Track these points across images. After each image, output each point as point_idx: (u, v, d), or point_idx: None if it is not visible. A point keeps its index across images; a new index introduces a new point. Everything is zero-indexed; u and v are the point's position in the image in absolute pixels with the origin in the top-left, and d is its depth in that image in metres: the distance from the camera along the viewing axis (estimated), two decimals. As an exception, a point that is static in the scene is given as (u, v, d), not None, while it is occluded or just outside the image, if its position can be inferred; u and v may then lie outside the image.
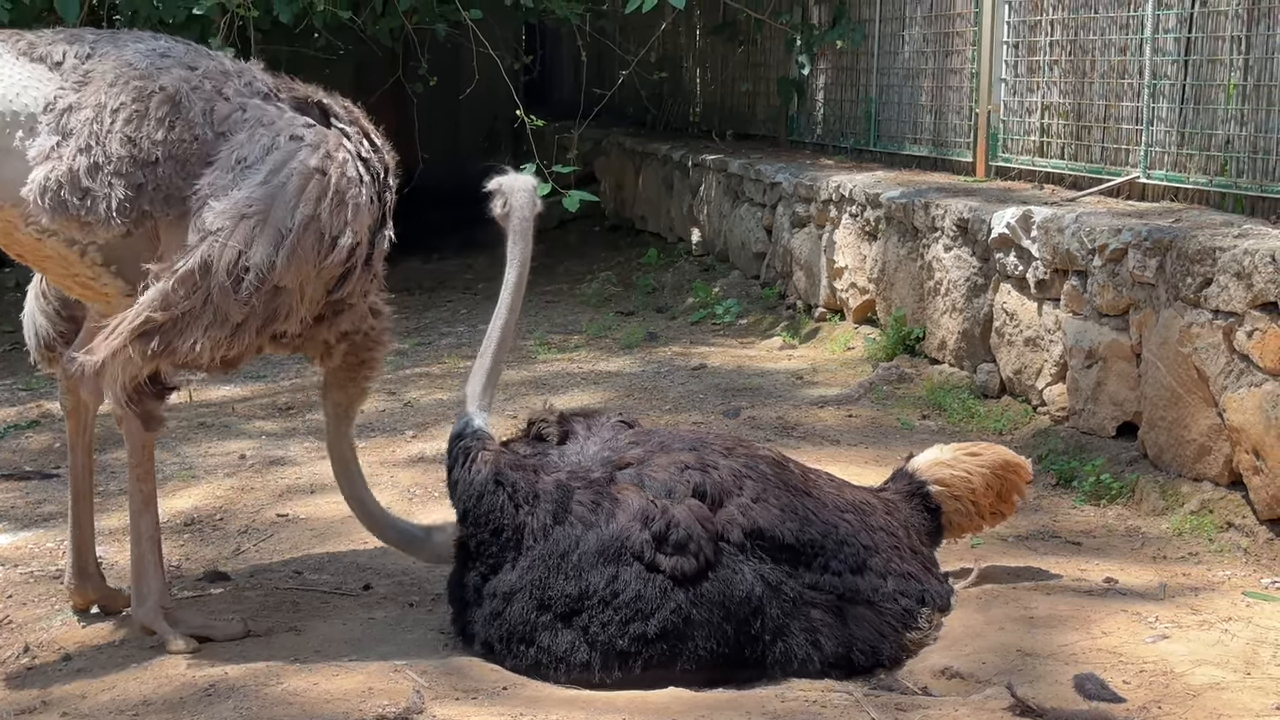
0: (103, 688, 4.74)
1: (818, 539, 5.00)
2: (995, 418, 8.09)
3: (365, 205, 5.04)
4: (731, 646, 4.76)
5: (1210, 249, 6.39)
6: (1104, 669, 4.77)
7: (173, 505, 6.95)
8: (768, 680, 4.78)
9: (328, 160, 4.96)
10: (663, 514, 4.77)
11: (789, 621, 4.83)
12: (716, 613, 4.74)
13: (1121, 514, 6.63)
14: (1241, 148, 7.44)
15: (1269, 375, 5.99)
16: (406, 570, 5.93)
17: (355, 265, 5.07)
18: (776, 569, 4.87)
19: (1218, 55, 7.64)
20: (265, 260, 4.82)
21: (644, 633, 4.69)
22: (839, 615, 4.93)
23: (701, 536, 4.76)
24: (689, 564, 4.73)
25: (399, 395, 9.31)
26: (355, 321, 5.31)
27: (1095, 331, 7.35)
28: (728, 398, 8.80)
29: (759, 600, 4.79)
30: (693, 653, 4.71)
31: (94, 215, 4.76)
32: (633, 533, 4.75)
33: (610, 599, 4.70)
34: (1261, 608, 5.38)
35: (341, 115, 5.18)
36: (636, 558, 4.72)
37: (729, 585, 4.76)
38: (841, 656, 4.88)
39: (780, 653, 4.81)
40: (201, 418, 8.85)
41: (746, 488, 4.96)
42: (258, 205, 4.83)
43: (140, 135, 4.79)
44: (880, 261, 10.00)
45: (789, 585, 4.87)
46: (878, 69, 12.09)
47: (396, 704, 4.51)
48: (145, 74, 4.86)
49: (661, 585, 4.71)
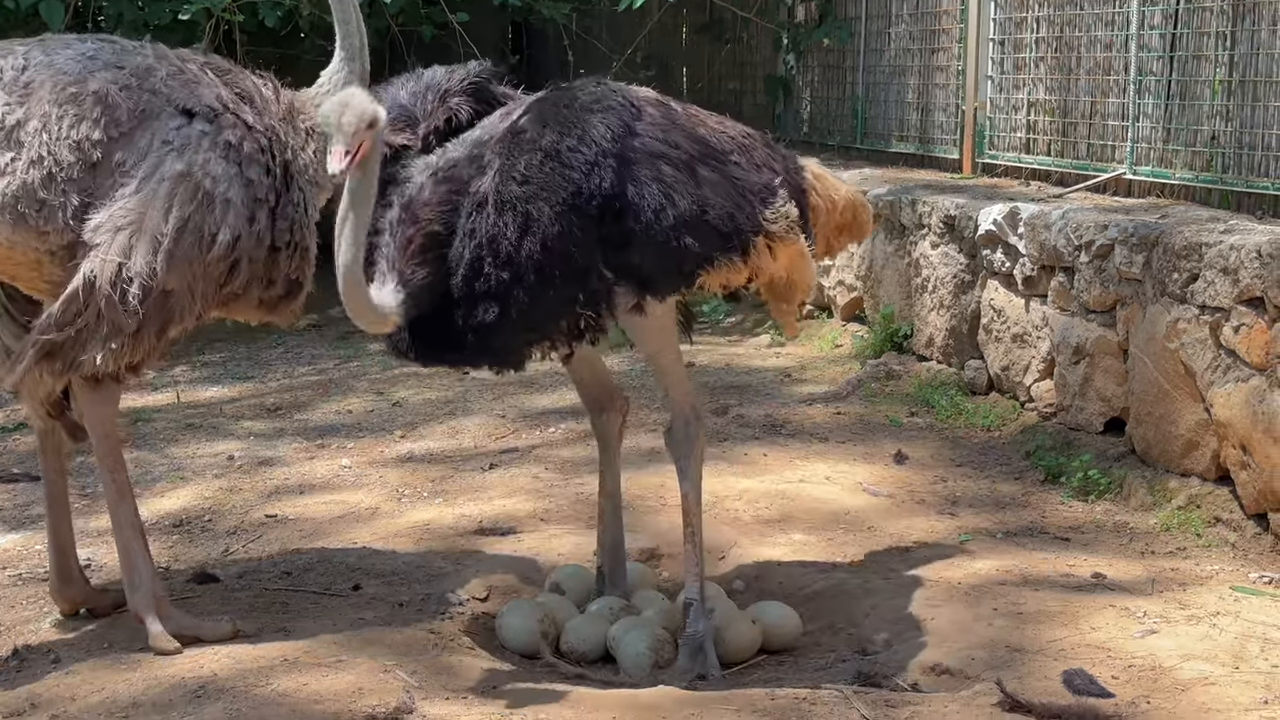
0: (92, 689, 4.74)
1: (689, 127, 4.96)
2: (983, 414, 8.10)
3: (239, 199, 5.03)
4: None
5: (1196, 244, 6.41)
6: (1092, 664, 4.78)
7: (161, 506, 6.94)
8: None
9: (191, 163, 4.97)
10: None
11: (637, 169, 4.71)
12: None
13: (1109, 509, 6.65)
14: (1227, 143, 7.46)
15: (1255, 370, 6.00)
16: (396, 570, 5.93)
17: (241, 258, 5.07)
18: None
19: (1203, 51, 7.65)
20: (146, 268, 4.86)
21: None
22: (692, 174, 4.83)
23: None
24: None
25: (387, 395, 9.30)
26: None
27: (1082, 327, 7.36)
28: (716, 395, 8.80)
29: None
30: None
31: (53, 225, 4.84)
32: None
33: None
34: (1249, 602, 5.39)
35: (225, 102, 5.14)
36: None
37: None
38: (696, 215, 4.76)
39: (633, 195, 4.68)
40: (189, 419, 8.84)
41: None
42: (132, 215, 4.86)
43: (83, 139, 4.83)
44: (868, 259, 10.01)
45: (640, 142, 4.77)
46: (864, 66, 12.11)
47: (386, 704, 4.50)
48: (78, 79, 4.89)
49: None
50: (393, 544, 6.30)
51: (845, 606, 5.58)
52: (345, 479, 7.41)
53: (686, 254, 4.77)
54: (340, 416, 8.84)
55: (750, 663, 5.27)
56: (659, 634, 5.22)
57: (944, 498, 6.89)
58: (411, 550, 6.21)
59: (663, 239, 4.71)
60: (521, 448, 7.83)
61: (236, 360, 10.85)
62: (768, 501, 6.75)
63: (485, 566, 5.98)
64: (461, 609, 5.60)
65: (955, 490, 7.00)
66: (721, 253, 4.87)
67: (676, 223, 4.71)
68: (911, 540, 6.27)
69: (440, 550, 6.19)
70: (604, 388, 5.63)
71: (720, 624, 5.27)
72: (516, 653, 5.29)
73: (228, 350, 11.15)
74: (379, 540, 6.35)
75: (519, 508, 6.69)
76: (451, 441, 8.06)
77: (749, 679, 5.11)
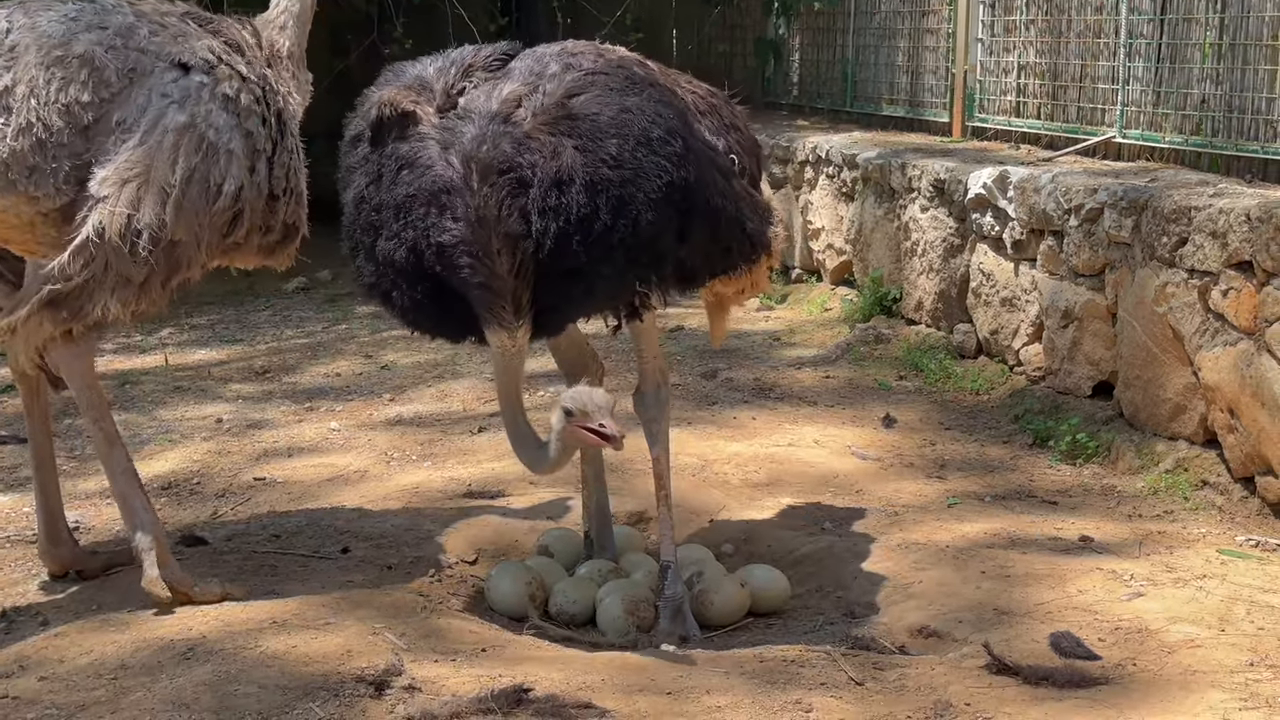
0: (81, 651, 4.73)
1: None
2: (972, 378, 8.11)
3: (240, 150, 5.07)
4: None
5: (1186, 208, 6.40)
6: (1080, 627, 4.79)
7: (150, 469, 6.93)
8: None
9: (194, 114, 4.98)
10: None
11: (702, 166, 4.86)
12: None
13: (1097, 473, 6.66)
14: (1217, 107, 7.44)
15: (1243, 334, 6.01)
16: (384, 533, 5.93)
17: (244, 207, 5.11)
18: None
19: (1193, 14, 7.63)
20: (155, 219, 4.88)
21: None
22: (729, 181, 5.05)
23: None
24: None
25: (376, 358, 9.29)
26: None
27: (1071, 291, 7.36)
28: (705, 359, 8.80)
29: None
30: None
31: (43, 190, 4.84)
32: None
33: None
34: (1236, 565, 5.41)
35: (218, 54, 5.14)
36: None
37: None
38: (736, 218, 5.01)
39: (700, 190, 4.82)
40: (178, 382, 8.82)
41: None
42: (138, 167, 4.87)
43: (71, 102, 4.82)
44: (857, 222, 10.00)
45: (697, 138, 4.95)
46: (854, 29, 12.07)
47: (375, 665, 4.51)
48: (62, 41, 4.87)
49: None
50: (381, 507, 6.30)
51: (833, 569, 5.59)
52: (334, 442, 7.41)
53: (728, 255, 5.06)
54: (329, 379, 8.83)
55: (739, 625, 5.28)
56: (635, 595, 5.22)
57: (932, 461, 6.90)
58: (400, 513, 6.21)
59: (717, 239, 4.95)
60: (510, 411, 7.82)
61: (225, 323, 10.83)
62: (756, 465, 6.76)
63: (474, 529, 5.98)
64: (450, 571, 5.60)
65: (943, 454, 7.01)
66: (744, 261, 5.17)
67: (729, 224, 4.96)
68: (900, 503, 6.28)
69: (429, 513, 6.19)
70: (581, 353, 5.66)
71: (709, 587, 5.28)
72: (505, 615, 5.30)
73: (216, 313, 11.12)
74: (368, 503, 6.35)
75: (508, 471, 6.68)
76: (440, 405, 8.05)
77: (737, 641, 5.12)
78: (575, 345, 5.67)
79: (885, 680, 4.52)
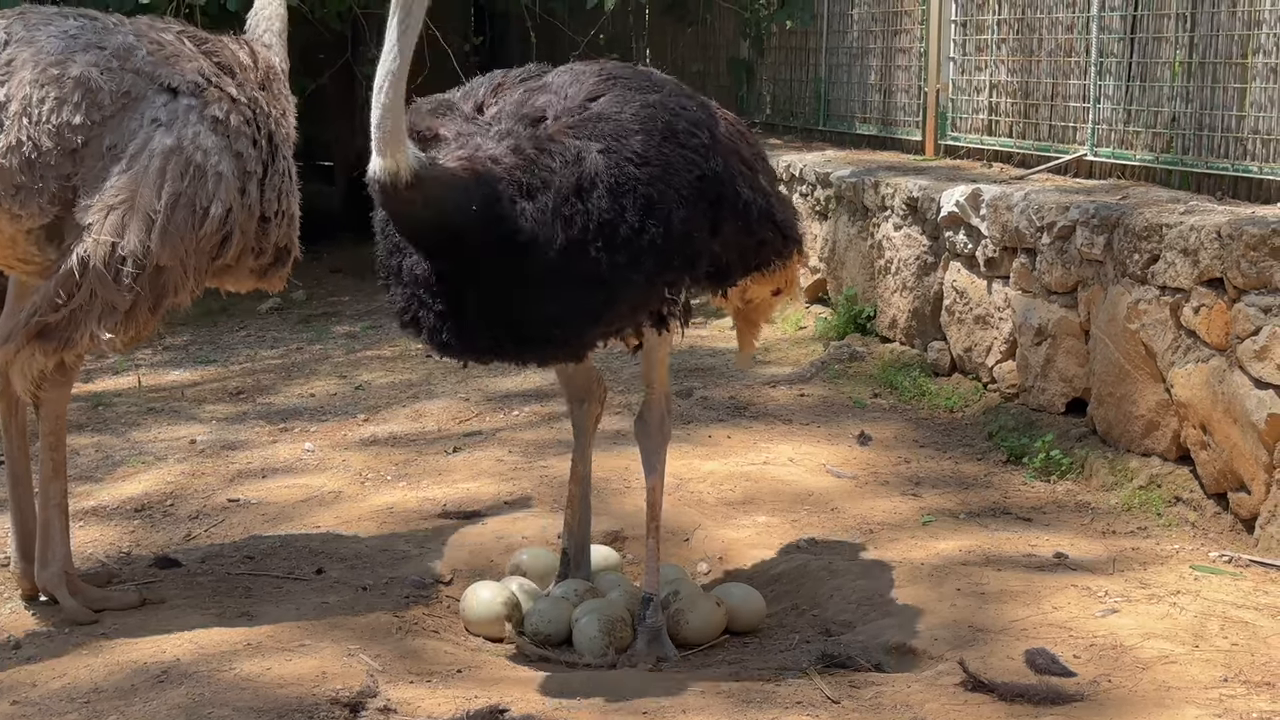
0: (53, 675, 4.71)
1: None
2: (946, 395, 8.13)
3: (230, 172, 5.06)
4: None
5: (1157, 225, 6.44)
6: (1055, 643, 4.80)
7: (123, 491, 6.90)
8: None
9: (181, 137, 4.97)
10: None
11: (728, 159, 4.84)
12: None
13: (1071, 489, 6.68)
14: (1187, 124, 7.49)
15: (1215, 350, 6.04)
16: (359, 554, 5.92)
17: (233, 230, 5.09)
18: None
19: (1163, 33, 7.68)
20: (139, 247, 4.86)
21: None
22: (754, 174, 5.01)
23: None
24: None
25: (350, 379, 9.28)
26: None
27: (1044, 309, 7.39)
28: (680, 378, 8.81)
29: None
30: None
31: (27, 209, 4.83)
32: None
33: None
34: (1209, 581, 5.43)
35: (208, 76, 5.13)
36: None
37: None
38: (767, 211, 4.96)
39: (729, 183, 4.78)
40: (151, 403, 8.80)
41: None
42: (124, 194, 4.86)
43: (63, 124, 4.80)
44: (831, 240, 10.03)
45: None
46: (826, 48, 12.11)
47: (350, 687, 4.49)
48: (59, 60, 4.85)
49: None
50: (356, 528, 6.28)
51: (809, 588, 5.59)
52: (308, 462, 7.39)
53: (761, 249, 5.01)
54: (303, 400, 8.81)
55: (715, 644, 5.27)
56: (612, 615, 5.21)
57: (907, 478, 6.92)
58: (375, 534, 6.20)
59: (750, 231, 4.90)
60: (485, 431, 7.82)
61: (199, 344, 10.80)
62: (732, 483, 6.76)
63: (449, 550, 5.98)
64: (425, 592, 5.59)
65: (918, 471, 7.02)
66: (777, 255, 5.11)
67: (760, 216, 4.91)
68: (875, 521, 6.29)
69: (404, 533, 6.18)
70: (588, 377, 5.58)
71: (684, 605, 5.28)
72: (480, 635, 5.30)
73: (190, 334, 11.09)
74: (342, 524, 6.33)
75: (483, 490, 6.68)
76: (415, 425, 8.04)
77: (714, 660, 5.12)
78: (581, 368, 5.55)
79: (861, 698, 4.52)
